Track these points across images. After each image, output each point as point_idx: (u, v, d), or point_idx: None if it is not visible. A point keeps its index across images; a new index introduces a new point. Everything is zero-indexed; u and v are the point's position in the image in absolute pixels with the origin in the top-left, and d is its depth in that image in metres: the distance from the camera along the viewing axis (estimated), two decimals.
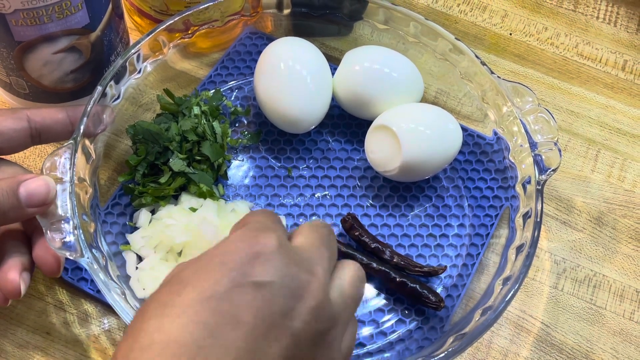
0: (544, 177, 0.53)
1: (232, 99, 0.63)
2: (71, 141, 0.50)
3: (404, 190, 0.59)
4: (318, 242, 0.38)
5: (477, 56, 0.58)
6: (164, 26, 0.57)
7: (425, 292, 0.53)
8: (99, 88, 0.53)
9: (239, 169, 0.60)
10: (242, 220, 0.37)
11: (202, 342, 0.30)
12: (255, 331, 0.32)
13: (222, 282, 0.32)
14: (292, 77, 0.57)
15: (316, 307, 0.34)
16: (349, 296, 0.37)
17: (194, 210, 0.54)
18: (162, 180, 0.55)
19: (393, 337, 0.53)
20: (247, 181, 0.59)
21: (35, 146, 0.54)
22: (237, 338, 0.31)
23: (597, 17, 0.74)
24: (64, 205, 0.47)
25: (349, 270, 0.38)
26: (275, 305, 0.32)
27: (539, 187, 0.52)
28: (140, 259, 0.53)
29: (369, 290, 0.55)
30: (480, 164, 0.61)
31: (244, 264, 0.33)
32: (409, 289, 0.53)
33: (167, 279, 0.34)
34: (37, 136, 0.51)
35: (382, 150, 0.56)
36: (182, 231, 0.52)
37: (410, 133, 0.55)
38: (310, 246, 0.37)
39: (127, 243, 0.54)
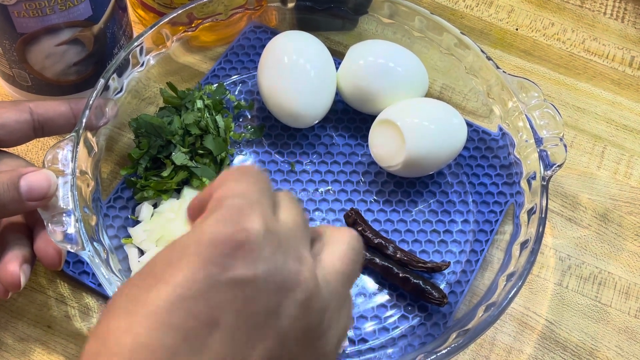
0: (549, 172, 0.52)
1: (236, 93, 0.63)
2: (73, 134, 0.50)
3: (408, 185, 0.59)
4: (301, 217, 0.32)
5: (482, 51, 0.58)
6: (167, 19, 0.57)
7: (429, 288, 0.52)
8: (102, 81, 0.53)
9: (242, 164, 0.59)
10: (220, 189, 0.31)
11: (175, 349, 0.27)
12: (235, 335, 0.28)
13: (197, 279, 0.28)
14: (296, 72, 0.57)
15: (305, 300, 0.30)
16: (342, 273, 0.32)
17: None
18: (165, 174, 0.55)
19: (396, 333, 0.52)
20: None
21: (37, 139, 0.54)
22: (214, 342, 0.28)
23: (604, 13, 0.73)
24: (65, 198, 0.47)
25: (341, 243, 0.33)
26: (259, 303, 0.29)
27: (544, 183, 0.52)
28: (142, 252, 0.53)
29: (372, 285, 0.54)
30: (485, 159, 0.60)
31: (224, 256, 0.28)
32: (412, 285, 0.53)
33: (141, 269, 0.30)
34: (40, 129, 0.51)
35: (386, 145, 0.56)
36: (183, 225, 0.52)
37: (415, 128, 0.55)
38: (294, 224, 0.32)
39: (129, 237, 0.53)
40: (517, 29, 0.71)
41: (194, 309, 0.28)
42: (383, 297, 0.54)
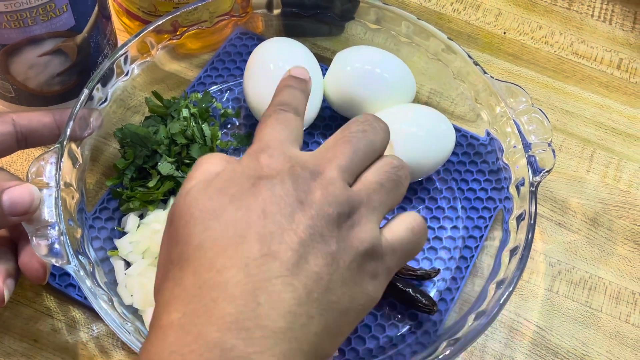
0: (537, 178, 0.52)
1: (222, 100, 0.62)
2: (57, 145, 0.49)
3: None
4: (333, 142, 0.40)
5: (469, 56, 0.57)
6: (151, 27, 0.57)
7: (418, 296, 0.52)
8: (86, 91, 0.52)
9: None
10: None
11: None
12: (276, 216, 0.35)
13: (244, 186, 0.37)
14: None
15: (325, 192, 0.37)
16: (376, 182, 0.39)
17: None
18: (151, 184, 0.54)
19: (385, 341, 0.52)
20: None
21: (21, 150, 0.54)
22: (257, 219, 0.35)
23: (592, 15, 0.73)
24: (49, 210, 0.46)
25: (380, 163, 0.41)
26: (288, 196, 0.36)
27: (533, 189, 0.52)
28: (128, 264, 0.52)
29: None
30: (473, 165, 0.60)
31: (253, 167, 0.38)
32: (402, 293, 0.52)
33: (200, 179, 0.38)
34: (23, 140, 0.51)
35: None
36: None
37: (403, 134, 0.55)
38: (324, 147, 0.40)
39: (115, 248, 0.53)
40: (504, 33, 0.71)
41: (247, 204, 0.36)
42: None
